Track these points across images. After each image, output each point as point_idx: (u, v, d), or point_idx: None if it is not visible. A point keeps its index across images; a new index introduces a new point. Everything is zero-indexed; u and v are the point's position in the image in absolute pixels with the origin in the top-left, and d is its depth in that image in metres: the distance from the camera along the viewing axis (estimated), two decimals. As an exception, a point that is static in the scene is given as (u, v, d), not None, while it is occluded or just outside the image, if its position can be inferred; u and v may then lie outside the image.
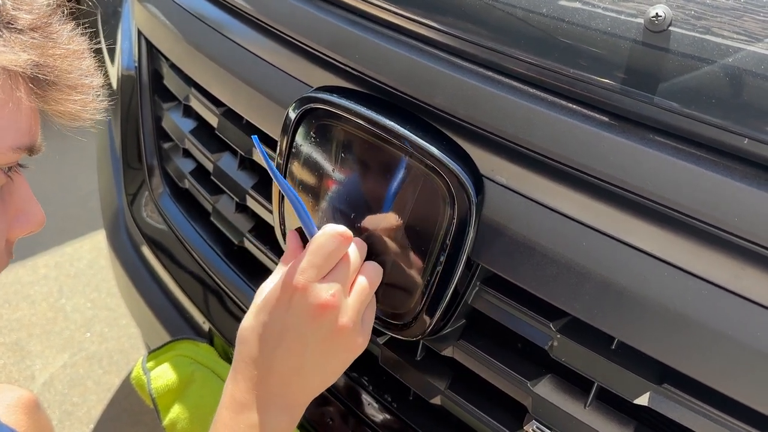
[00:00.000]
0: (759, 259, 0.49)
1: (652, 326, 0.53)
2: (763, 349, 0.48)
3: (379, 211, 0.67)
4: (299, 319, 0.61)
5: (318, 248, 0.61)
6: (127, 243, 1.13)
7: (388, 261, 0.67)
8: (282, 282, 0.62)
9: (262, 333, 0.62)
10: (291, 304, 0.61)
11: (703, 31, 0.51)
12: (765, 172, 0.49)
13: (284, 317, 0.61)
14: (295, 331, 0.61)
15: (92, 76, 0.51)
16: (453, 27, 0.63)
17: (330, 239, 0.61)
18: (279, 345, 0.62)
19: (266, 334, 0.62)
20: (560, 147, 0.56)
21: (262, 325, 0.63)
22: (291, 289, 0.61)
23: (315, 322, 0.61)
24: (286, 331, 0.61)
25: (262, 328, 0.63)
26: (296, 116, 0.71)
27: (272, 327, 0.62)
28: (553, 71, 0.56)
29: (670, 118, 0.52)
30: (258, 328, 0.63)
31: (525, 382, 0.63)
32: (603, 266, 0.55)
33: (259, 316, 0.63)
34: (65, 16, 0.51)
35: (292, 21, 0.75)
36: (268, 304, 0.63)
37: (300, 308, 0.61)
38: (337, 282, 0.61)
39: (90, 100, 0.51)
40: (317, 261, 0.61)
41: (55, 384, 1.80)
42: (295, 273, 0.61)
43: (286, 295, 0.61)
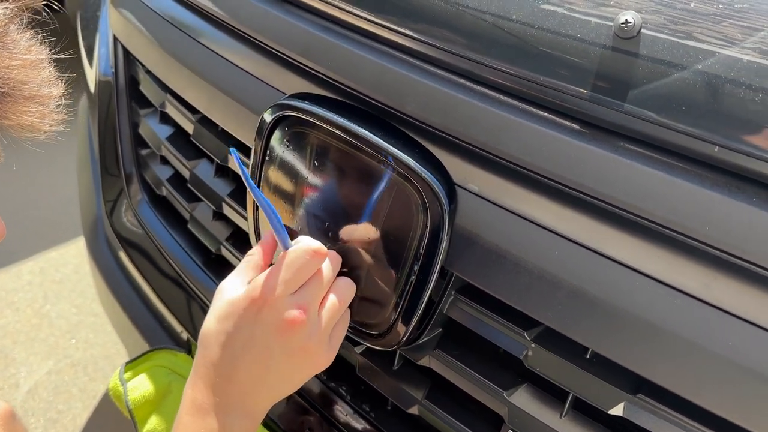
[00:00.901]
0: (730, 268, 0.48)
1: (624, 336, 0.52)
2: (735, 359, 0.48)
3: (352, 220, 0.66)
4: (266, 333, 0.60)
5: (291, 263, 0.60)
6: (105, 250, 1.11)
7: (362, 270, 0.67)
8: (251, 293, 0.61)
9: (225, 341, 0.61)
10: (259, 317, 0.60)
11: (674, 36, 0.51)
12: (736, 180, 0.49)
13: (251, 329, 0.60)
14: (261, 344, 0.60)
15: (51, 86, 0.50)
16: (425, 34, 0.62)
17: (303, 254, 0.61)
18: (243, 355, 0.61)
19: (230, 343, 0.61)
20: (531, 155, 0.55)
21: (227, 333, 0.61)
22: (260, 301, 0.60)
23: (282, 338, 0.60)
24: (251, 343, 0.60)
25: (226, 336, 0.61)
26: (269, 123, 0.70)
27: (237, 337, 0.61)
28: (523, 79, 0.56)
29: (640, 126, 0.51)
30: (221, 335, 0.62)
31: (501, 392, 0.63)
32: (575, 275, 0.54)
33: (223, 322, 0.62)
34: (23, 24, 0.50)
35: (264, 27, 0.74)
36: (234, 313, 0.61)
37: (268, 322, 0.60)
38: (308, 299, 0.61)
39: (48, 111, 0.49)
40: (288, 276, 0.60)
41: (40, 391, 1.78)
42: (265, 286, 0.60)
43: (255, 306, 0.60)
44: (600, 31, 0.53)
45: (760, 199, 0.47)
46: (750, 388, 0.47)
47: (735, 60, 0.48)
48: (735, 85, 0.48)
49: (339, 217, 0.67)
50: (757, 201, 0.47)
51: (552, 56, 0.55)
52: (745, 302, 0.48)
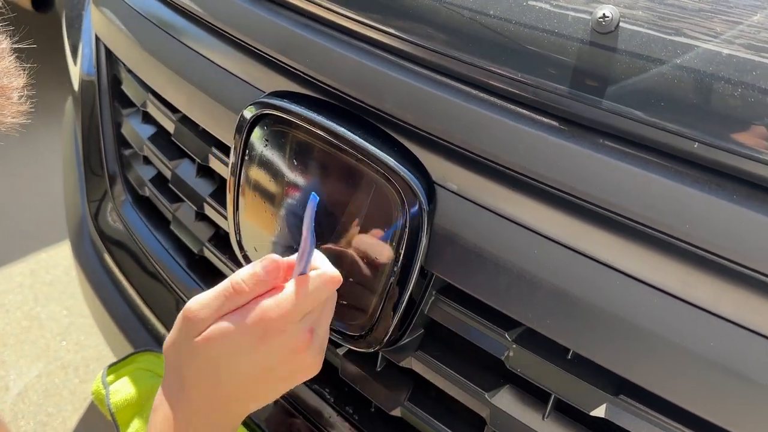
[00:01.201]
0: (711, 266, 0.47)
1: (604, 336, 0.51)
2: (715, 359, 0.47)
3: (332, 220, 0.65)
4: (269, 357, 0.56)
5: (314, 292, 0.57)
6: (90, 252, 1.10)
7: (342, 271, 0.65)
8: (261, 316, 0.55)
9: (216, 355, 0.56)
10: (265, 341, 0.55)
11: (652, 31, 0.50)
12: (717, 177, 0.48)
13: (251, 351, 0.56)
14: (259, 365, 0.56)
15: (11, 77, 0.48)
16: (403, 30, 0.61)
17: (326, 285, 0.57)
18: (236, 374, 0.57)
19: (222, 359, 0.56)
20: (509, 153, 0.54)
21: (219, 348, 0.56)
22: (271, 327, 0.55)
23: (287, 363, 0.57)
24: (248, 362, 0.56)
25: (218, 351, 0.56)
26: (248, 122, 0.69)
27: (233, 355, 0.56)
28: (501, 75, 0.55)
29: (619, 122, 0.50)
30: (202, 356, 0.56)
31: (482, 393, 0.62)
32: (555, 275, 0.53)
33: (220, 338, 0.55)
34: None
35: (243, 24, 0.73)
36: (232, 333, 0.55)
37: (274, 348, 0.56)
38: (319, 324, 0.59)
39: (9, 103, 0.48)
40: (307, 307, 0.57)
41: (30, 394, 1.77)
42: (281, 313, 0.55)
43: (261, 331, 0.55)
44: (577, 26, 0.52)
45: (740, 196, 0.47)
46: (730, 388, 0.47)
47: (714, 54, 0.47)
48: (715, 79, 0.47)
49: (318, 216, 0.66)
50: (737, 198, 0.47)
51: (529, 52, 0.54)
52: (725, 301, 0.47)
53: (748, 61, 0.46)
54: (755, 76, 0.46)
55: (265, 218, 0.71)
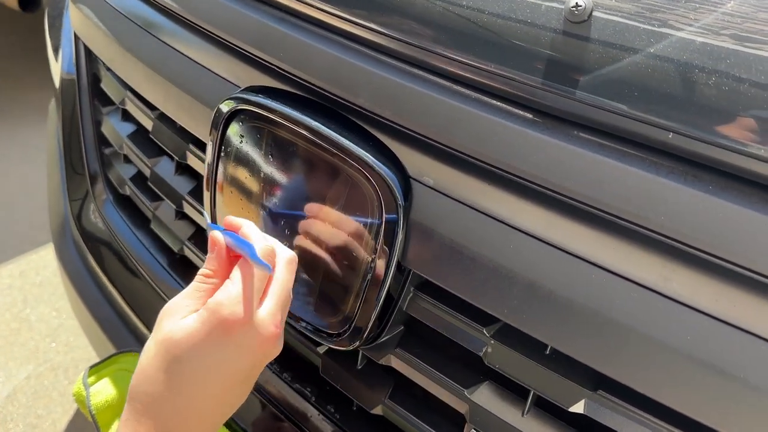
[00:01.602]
0: (687, 259, 0.47)
1: (581, 331, 0.50)
2: (691, 352, 0.46)
3: (308, 217, 0.64)
4: (239, 353, 0.54)
5: (251, 278, 0.54)
6: (72, 251, 1.09)
7: (320, 269, 0.65)
8: (219, 315, 0.53)
9: (177, 367, 0.53)
10: (231, 338, 0.53)
11: (626, 19, 0.49)
12: (692, 168, 0.47)
13: (218, 351, 0.53)
14: (228, 365, 0.54)
15: None
16: (376, 23, 0.60)
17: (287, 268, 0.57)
18: (204, 378, 0.54)
19: (187, 369, 0.53)
20: (484, 146, 0.53)
21: (185, 356, 0.53)
22: (232, 323, 0.53)
23: (256, 355, 0.55)
24: (217, 364, 0.53)
25: (187, 360, 0.53)
26: (223, 118, 0.68)
27: (197, 361, 0.53)
28: (474, 67, 0.54)
29: (593, 113, 0.49)
30: (179, 359, 0.53)
31: (462, 390, 0.61)
32: (530, 269, 0.52)
33: (181, 347, 0.53)
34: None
35: (218, 19, 0.72)
36: (196, 336, 0.53)
37: (243, 342, 0.54)
38: (279, 309, 0.56)
39: None
40: (254, 293, 0.54)
41: (19, 396, 1.75)
42: (233, 304, 0.53)
43: (222, 328, 0.53)
44: (551, 15, 0.51)
45: (716, 187, 0.46)
46: (707, 382, 0.46)
47: (688, 43, 0.46)
48: (689, 69, 0.46)
49: (295, 214, 0.65)
50: (713, 189, 0.46)
51: (503, 43, 0.53)
52: (702, 294, 0.46)
53: (722, 50, 0.45)
54: (729, 64, 0.45)
55: (242, 214, 0.70)
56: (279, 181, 0.66)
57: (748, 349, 0.45)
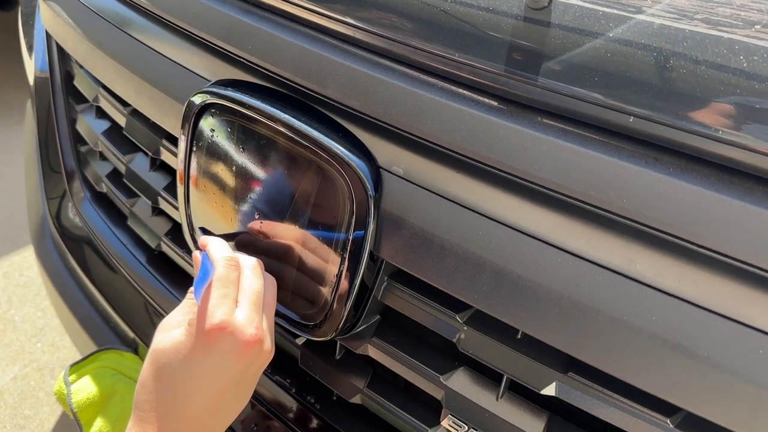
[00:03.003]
0: (650, 241, 0.47)
1: (549, 315, 0.51)
2: (658, 333, 0.47)
3: (280, 209, 0.64)
4: (224, 360, 0.56)
5: (219, 277, 0.58)
6: (51, 250, 1.09)
7: (294, 261, 0.65)
8: (198, 326, 0.56)
9: (176, 376, 0.57)
10: (214, 347, 0.56)
11: (587, 4, 0.49)
12: (653, 151, 0.47)
13: (204, 360, 0.56)
14: (217, 371, 0.56)
15: None
16: (340, 13, 0.60)
17: (226, 264, 0.59)
18: (196, 388, 0.56)
19: (180, 378, 0.56)
20: (450, 134, 0.54)
21: (175, 368, 0.57)
22: (212, 331, 0.55)
23: (242, 359, 0.57)
24: (206, 374, 0.56)
25: (176, 371, 0.57)
26: (194, 112, 0.68)
27: (188, 371, 0.56)
28: (438, 56, 0.54)
29: (556, 100, 0.50)
30: (168, 372, 0.57)
31: (437, 376, 0.61)
32: (498, 255, 0.53)
33: (171, 359, 0.57)
34: None
35: (185, 13, 0.72)
36: (181, 349, 0.57)
37: (225, 349, 0.56)
38: (256, 313, 0.58)
39: None
40: (222, 290, 0.57)
41: (5, 397, 1.75)
42: (209, 313, 0.56)
43: (205, 338, 0.56)
44: (512, 2, 0.51)
45: (677, 169, 0.46)
46: (673, 362, 0.46)
47: (646, 26, 0.47)
48: (648, 52, 0.46)
49: (267, 205, 0.65)
50: (674, 171, 0.46)
51: (466, 31, 0.53)
52: (665, 275, 0.47)
53: (680, 32, 0.46)
54: (687, 46, 0.45)
55: (216, 208, 0.70)
56: (251, 173, 0.66)
57: (711, 328, 0.45)
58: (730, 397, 0.45)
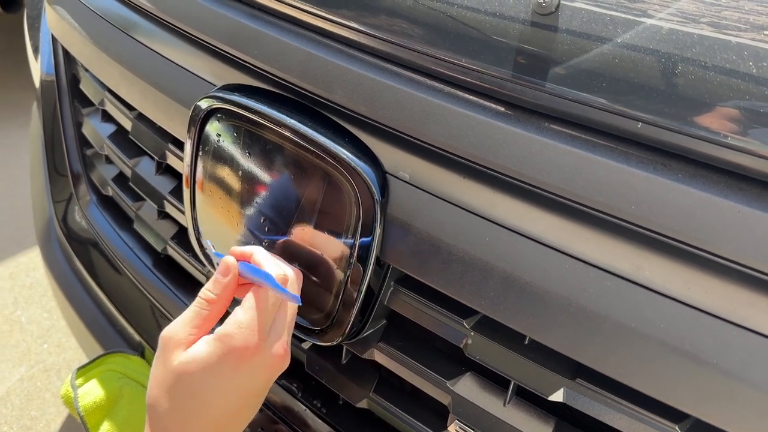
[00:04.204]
0: (658, 247, 0.47)
1: (556, 321, 0.51)
2: (666, 340, 0.47)
3: (287, 214, 0.64)
4: (251, 378, 0.56)
5: (265, 306, 0.57)
6: (58, 253, 1.09)
7: (301, 266, 0.65)
8: (231, 344, 0.55)
9: (189, 391, 0.56)
10: (241, 365, 0.55)
11: (593, 9, 0.49)
12: (661, 157, 0.47)
13: (229, 377, 0.55)
14: (239, 387, 0.56)
15: None
16: (347, 18, 0.60)
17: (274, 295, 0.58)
18: (213, 401, 0.56)
19: (197, 392, 0.56)
20: (457, 140, 0.54)
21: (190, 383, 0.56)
22: (243, 350, 0.55)
23: (267, 375, 0.57)
24: (227, 389, 0.56)
25: (189, 386, 0.56)
26: (200, 116, 0.68)
27: (208, 386, 0.56)
28: (446, 61, 0.54)
29: (563, 105, 0.49)
30: (189, 386, 0.56)
31: (444, 381, 0.61)
32: (505, 261, 0.53)
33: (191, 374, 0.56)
34: None
35: (192, 18, 0.72)
36: (208, 363, 0.55)
37: (254, 367, 0.56)
38: (284, 331, 0.58)
39: None
40: (268, 320, 0.57)
41: (12, 399, 1.75)
42: (245, 334, 0.55)
43: (235, 357, 0.55)
44: (519, 8, 0.51)
45: (685, 175, 0.46)
46: (682, 369, 0.46)
47: (655, 32, 0.47)
48: (656, 57, 0.46)
49: (274, 210, 0.65)
50: (682, 177, 0.46)
51: (472, 36, 0.53)
52: (674, 282, 0.47)
53: (688, 36, 0.46)
54: (695, 51, 0.45)
55: (222, 213, 0.70)
56: (257, 178, 0.66)
57: (719, 335, 0.45)
58: (739, 403, 0.45)
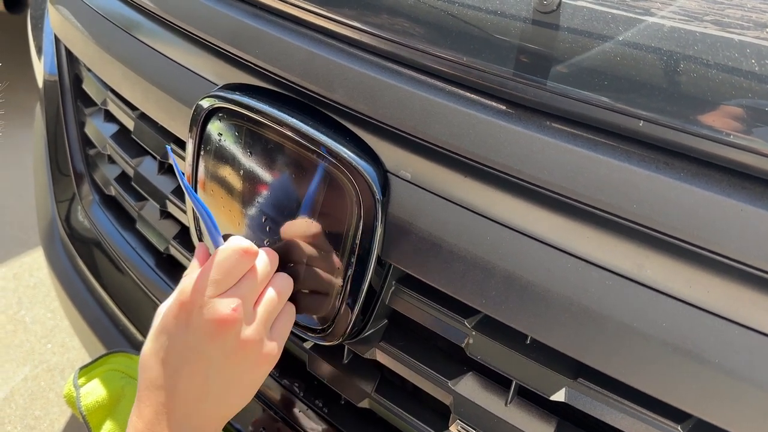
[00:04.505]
0: (660, 246, 0.47)
1: (558, 320, 0.51)
2: (668, 340, 0.46)
3: (288, 213, 0.64)
4: (199, 338, 0.57)
5: (220, 263, 0.58)
6: (61, 253, 1.09)
7: (302, 264, 0.65)
8: (179, 299, 0.58)
9: (163, 356, 0.58)
10: (190, 322, 0.57)
11: (595, 7, 0.49)
12: (664, 156, 0.47)
13: (184, 336, 0.57)
14: (196, 350, 0.57)
15: None
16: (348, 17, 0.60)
17: (233, 254, 0.58)
18: (181, 367, 0.58)
19: (167, 357, 0.58)
20: (458, 138, 0.53)
21: (162, 347, 0.59)
22: (190, 305, 0.57)
23: (216, 339, 0.57)
24: (187, 351, 0.57)
25: (163, 351, 0.58)
26: (202, 116, 0.68)
27: (172, 348, 0.58)
28: (447, 59, 0.54)
29: (564, 103, 0.49)
30: (159, 351, 0.59)
31: (445, 381, 0.61)
32: (507, 260, 0.52)
33: (159, 338, 0.59)
34: None
35: (193, 17, 0.72)
36: (167, 325, 0.58)
37: (199, 326, 0.57)
38: (240, 296, 0.58)
39: None
40: (218, 276, 0.57)
41: (16, 398, 1.76)
42: (195, 289, 0.57)
43: (184, 312, 0.57)
44: (520, 6, 0.51)
45: (688, 174, 0.46)
46: (684, 369, 0.46)
47: (656, 29, 0.46)
48: (658, 55, 0.46)
49: (275, 210, 0.65)
50: (685, 176, 0.46)
51: (473, 34, 0.52)
52: (676, 281, 0.46)
53: (690, 34, 0.45)
54: (698, 49, 0.45)
55: (223, 212, 0.70)
56: (258, 177, 0.66)
57: (722, 335, 0.45)
58: (742, 403, 0.44)
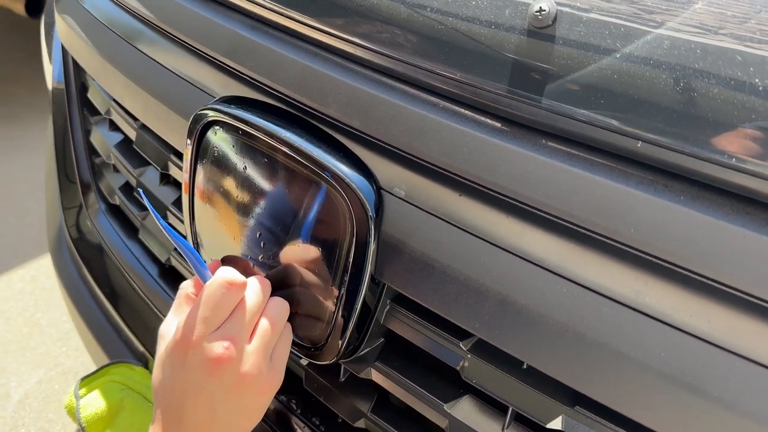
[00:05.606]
0: (659, 272, 0.45)
1: (553, 346, 0.49)
2: (666, 370, 0.44)
3: (282, 230, 0.63)
4: (198, 376, 0.57)
5: (206, 300, 0.57)
6: (68, 260, 1.09)
7: (295, 284, 0.63)
8: (174, 338, 0.58)
9: (168, 387, 0.59)
10: (186, 361, 0.57)
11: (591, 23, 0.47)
12: (663, 177, 0.45)
13: (182, 374, 0.57)
14: (197, 386, 0.57)
15: None
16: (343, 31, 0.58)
17: (218, 288, 0.57)
18: (185, 399, 0.58)
19: (172, 388, 0.59)
20: (452, 156, 0.52)
21: (166, 378, 0.59)
22: (183, 346, 0.57)
23: (214, 377, 0.57)
24: (188, 386, 0.58)
25: (167, 381, 0.59)
26: (198, 128, 0.67)
27: (174, 382, 0.58)
28: (441, 75, 0.52)
29: (560, 122, 0.47)
30: (164, 381, 0.59)
31: (441, 404, 0.59)
32: (501, 282, 0.51)
33: (163, 368, 0.60)
34: None
35: (191, 29, 0.71)
36: (165, 361, 0.59)
37: (196, 365, 0.57)
38: (232, 332, 0.57)
39: None
40: (206, 313, 0.57)
41: (30, 401, 1.77)
42: (185, 328, 0.57)
43: (179, 352, 0.57)
44: (515, 21, 0.49)
45: (688, 197, 0.44)
46: (682, 401, 0.44)
47: (655, 45, 0.44)
48: (656, 72, 0.44)
49: (269, 224, 0.64)
50: (684, 199, 0.44)
51: (468, 50, 0.51)
52: (675, 309, 0.44)
53: (691, 52, 0.43)
54: (698, 67, 0.43)
55: (220, 225, 0.69)
56: (252, 191, 0.65)
57: (722, 367, 0.43)
58: (744, 440, 0.42)
